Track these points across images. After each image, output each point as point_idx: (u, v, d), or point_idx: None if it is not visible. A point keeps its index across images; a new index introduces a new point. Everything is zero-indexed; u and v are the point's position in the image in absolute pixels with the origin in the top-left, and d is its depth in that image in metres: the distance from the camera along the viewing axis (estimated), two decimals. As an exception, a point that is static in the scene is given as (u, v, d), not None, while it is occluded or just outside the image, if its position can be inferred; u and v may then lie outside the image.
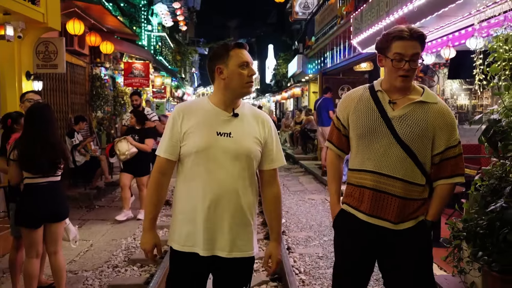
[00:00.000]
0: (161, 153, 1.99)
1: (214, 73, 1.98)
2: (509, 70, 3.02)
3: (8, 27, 5.06)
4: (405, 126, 1.96)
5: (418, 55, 1.93)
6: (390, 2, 5.59)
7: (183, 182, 1.99)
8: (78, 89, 9.64)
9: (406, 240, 2.00)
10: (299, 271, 4.17)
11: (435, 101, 2.01)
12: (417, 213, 2.02)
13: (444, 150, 1.98)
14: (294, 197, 7.90)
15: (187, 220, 1.95)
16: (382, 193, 1.99)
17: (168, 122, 1.99)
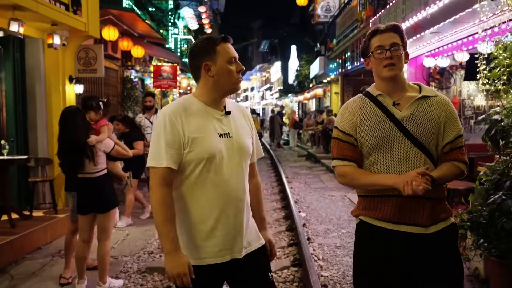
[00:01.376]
0: (162, 163, 1.73)
1: (200, 70, 1.83)
2: (507, 75, 3.33)
3: (56, 36, 5.62)
4: (417, 124, 1.88)
5: (397, 44, 1.89)
6: (406, 9, 5.90)
7: (189, 191, 1.80)
8: (111, 90, 10.26)
9: (440, 244, 1.89)
10: (318, 258, 4.55)
11: (435, 94, 1.96)
12: (445, 214, 1.94)
13: (454, 139, 1.91)
14: (315, 194, 8.26)
15: (198, 231, 1.81)
16: (410, 198, 1.83)
17: (163, 126, 1.76)
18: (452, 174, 1.90)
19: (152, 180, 1.77)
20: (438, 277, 1.89)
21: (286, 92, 30.63)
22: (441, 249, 1.89)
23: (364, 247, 2.00)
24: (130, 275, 4.21)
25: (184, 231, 1.81)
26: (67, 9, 5.72)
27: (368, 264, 1.96)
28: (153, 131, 1.84)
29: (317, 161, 13.17)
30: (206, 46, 1.82)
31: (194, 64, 1.85)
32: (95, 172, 3.71)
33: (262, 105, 46.24)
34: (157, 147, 1.76)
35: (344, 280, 3.97)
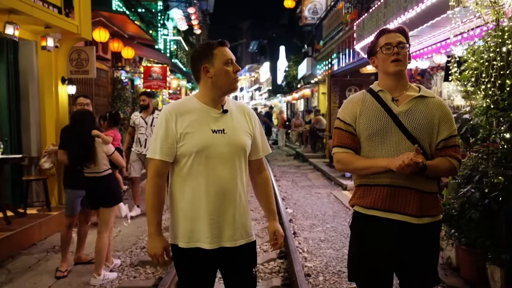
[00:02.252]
0: (156, 156, 1.96)
1: (200, 73, 2.00)
2: (475, 77, 3.60)
3: (49, 39, 5.77)
4: (412, 120, 2.02)
5: (404, 44, 2.05)
6: (387, 13, 6.17)
7: (182, 181, 1.99)
8: (102, 91, 10.36)
9: (425, 236, 2.03)
10: (303, 251, 4.80)
11: (433, 96, 2.10)
12: (435, 211, 2.06)
13: (448, 137, 2.04)
14: (302, 191, 8.51)
15: (190, 217, 1.98)
16: (401, 188, 1.99)
17: (160, 123, 1.98)
18: (444, 167, 2.01)
19: (148, 170, 2.03)
20: (418, 267, 2.05)
21: (275, 92, 30.86)
22: (426, 242, 2.04)
23: (358, 236, 2.13)
24: (123, 268, 4.40)
25: (178, 217, 2.01)
26: (60, 12, 5.87)
27: (362, 252, 2.09)
28: (154, 128, 2.07)
29: (305, 160, 13.44)
30: (204, 50, 1.99)
31: (195, 68, 2.03)
32: (101, 172, 4.06)
33: (252, 105, 46.41)
34: (154, 142, 1.99)
35: (327, 270, 4.22)
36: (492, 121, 3.59)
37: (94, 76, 7.56)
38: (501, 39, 3.31)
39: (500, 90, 3.38)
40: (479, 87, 3.59)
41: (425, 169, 1.93)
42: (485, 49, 3.53)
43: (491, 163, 3.72)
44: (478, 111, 3.72)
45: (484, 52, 3.53)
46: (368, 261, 2.07)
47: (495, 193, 3.48)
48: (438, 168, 2.01)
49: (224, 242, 1.99)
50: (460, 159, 2.05)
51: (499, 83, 3.32)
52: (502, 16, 3.55)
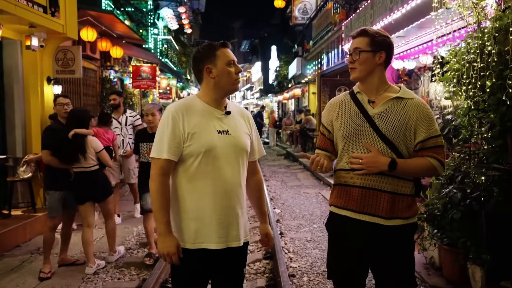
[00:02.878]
0: (163, 155, 1.94)
1: (203, 73, 2.02)
2: (457, 78, 3.62)
3: (34, 38, 5.71)
4: (386, 122, 2.00)
5: (358, 49, 2.05)
6: (374, 14, 6.20)
7: (187, 181, 1.98)
8: (90, 91, 10.29)
9: (396, 239, 2.01)
10: (288, 251, 4.80)
11: (412, 97, 2.05)
12: (408, 213, 2.03)
13: (425, 139, 2.00)
14: (291, 191, 8.52)
15: (196, 218, 1.97)
16: (371, 190, 2.00)
17: (166, 122, 1.97)
18: (418, 165, 1.99)
19: (152, 170, 1.98)
20: (390, 269, 2.04)
21: (267, 92, 30.88)
22: (397, 244, 2.02)
23: (332, 235, 2.17)
24: (108, 269, 4.37)
25: (183, 218, 1.99)
26: (45, 12, 5.81)
27: (336, 251, 2.14)
28: (158, 126, 2.04)
29: (295, 160, 13.47)
30: (207, 51, 2.02)
31: (197, 68, 2.04)
32: (89, 167, 4.24)
33: (244, 105, 46.40)
34: (160, 141, 1.96)
35: (311, 271, 4.23)
36: (473, 122, 3.62)
37: (80, 76, 7.50)
38: (482, 40, 3.34)
39: (481, 91, 3.41)
40: (461, 88, 3.62)
41: (395, 167, 1.94)
42: (466, 51, 3.56)
43: (473, 163, 3.75)
44: (460, 112, 3.75)
45: (465, 53, 3.56)
46: (340, 260, 2.11)
47: (476, 193, 3.51)
48: (410, 166, 1.99)
49: (231, 242, 2.01)
50: (442, 160, 2.01)
51: (480, 84, 3.35)
52: (483, 18, 3.58)
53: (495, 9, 3.63)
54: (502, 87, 3.18)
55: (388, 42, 2.07)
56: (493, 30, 3.23)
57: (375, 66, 2.05)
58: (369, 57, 2.03)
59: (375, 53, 2.03)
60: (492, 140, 3.42)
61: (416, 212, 2.10)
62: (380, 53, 2.04)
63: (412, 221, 2.07)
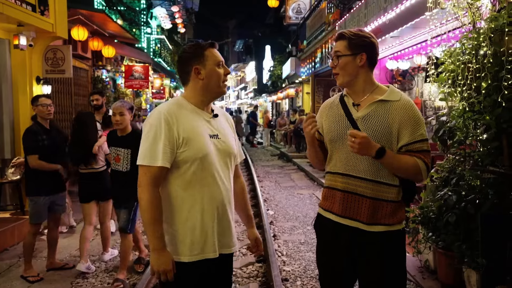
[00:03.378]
0: (157, 162, 1.78)
1: (190, 74, 1.91)
2: (452, 79, 3.58)
3: (22, 37, 5.60)
4: (368, 125, 1.95)
5: (338, 52, 1.99)
6: (368, 14, 6.15)
7: (182, 189, 1.85)
8: (81, 91, 10.16)
9: (379, 246, 1.95)
10: (282, 254, 4.74)
11: (397, 99, 1.96)
12: (392, 220, 1.95)
13: (408, 143, 1.92)
14: (285, 192, 8.46)
15: (193, 228, 1.86)
16: (352, 194, 1.97)
17: (159, 125, 1.81)
18: (404, 162, 1.90)
19: (142, 179, 1.80)
20: (372, 276, 1.97)
21: (261, 92, 30.82)
22: (379, 251, 1.94)
23: (318, 236, 2.16)
24: (97, 274, 4.28)
25: (179, 229, 1.85)
26: (33, 10, 5.70)
27: (321, 252, 2.13)
28: (145, 130, 1.84)
29: (289, 160, 13.41)
30: (195, 51, 1.90)
31: (184, 69, 1.92)
32: (98, 168, 4.39)
33: (237, 105, 46.32)
34: (152, 146, 1.79)
35: (305, 274, 4.17)
36: (468, 124, 3.57)
37: (71, 75, 7.39)
38: (477, 41, 3.29)
39: (476, 92, 3.36)
40: (456, 89, 3.58)
41: (382, 155, 1.87)
42: (461, 51, 3.52)
43: (468, 165, 3.71)
44: (455, 113, 3.70)
45: (460, 54, 3.51)
46: (325, 262, 2.11)
47: (471, 196, 3.46)
48: (397, 160, 1.91)
49: (224, 249, 1.95)
50: (427, 164, 1.92)
51: (475, 85, 3.30)
52: (478, 18, 3.54)
53: (490, 9, 3.59)
54: (497, 88, 3.13)
55: (369, 42, 1.98)
56: (489, 31, 3.18)
57: (357, 69, 1.98)
58: (349, 60, 1.97)
59: (355, 56, 1.96)
60: (488, 142, 3.37)
61: (402, 219, 2.00)
62: (361, 55, 1.96)
63: (397, 228, 1.97)
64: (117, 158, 3.82)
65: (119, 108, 3.74)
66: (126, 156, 3.77)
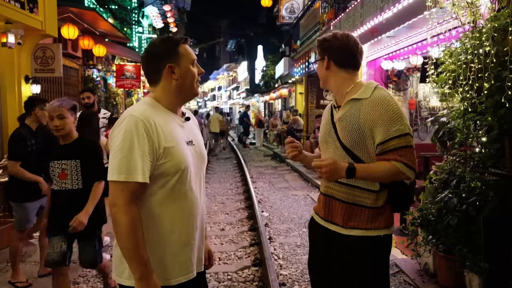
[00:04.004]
0: (137, 177, 1.52)
1: (162, 73, 1.67)
2: (453, 79, 3.51)
3: (10, 35, 5.45)
4: (342, 127, 1.91)
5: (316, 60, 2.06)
6: (364, 13, 6.09)
7: (161, 205, 1.63)
8: (72, 90, 9.98)
9: (355, 251, 1.90)
10: (278, 257, 4.65)
11: (368, 96, 1.86)
12: (370, 225, 1.88)
13: (382, 141, 1.81)
14: (279, 193, 8.37)
15: (179, 246, 1.68)
16: (331, 198, 1.97)
17: (135, 133, 1.54)
18: (380, 170, 1.79)
19: (118, 197, 1.53)
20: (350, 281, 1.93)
21: (253, 92, 30.73)
22: (356, 256, 1.90)
23: (309, 240, 2.17)
24: (88, 279, 4.16)
25: (154, 251, 1.62)
26: (22, 7, 5.55)
27: (310, 256, 2.15)
28: (117, 138, 1.56)
29: (282, 161, 13.33)
30: (168, 47, 1.68)
31: (155, 67, 1.68)
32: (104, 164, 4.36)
33: (230, 105, 46.21)
34: (128, 158, 1.53)
35: (302, 278, 4.08)
36: (469, 125, 3.52)
37: (61, 74, 7.23)
38: (479, 40, 3.23)
39: (477, 93, 3.30)
40: (457, 89, 3.51)
41: (353, 172, 1.78)
42: (462, 51, 3.45)
43: (469, 167, 3.65)
44: (455, 114, 3.64)
45: (461, 54, 3.45)
46: (311, 262, 2.13)
47: (472, 199, 3.40)
48: (371, 170, 1.81)
49: (199, 267, 1.80)
50: (407, 162, 1.78)
51: (477, 86, 3.24)
52: (479, 17, 3.48)
53: (489, 8, 3.53)
54: (500, 89, 3.08)
55: (329, 45, 1.95)
56: (491, 30, 3.12)
57: (325, 72, 1.99)
58: (319, 66, 2.02)
59: (322, 60, 1.99)
60: (489, 144, 3.31)
61: (383, 225, 1.89)
62: (325, 59, 1.97)
63: (376, 234, 1.88)
64: (62, 175, 2.99)
65: (58, 110, 2.94)
66: (75, 169, 2.98)
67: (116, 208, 1.54)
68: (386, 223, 1.91)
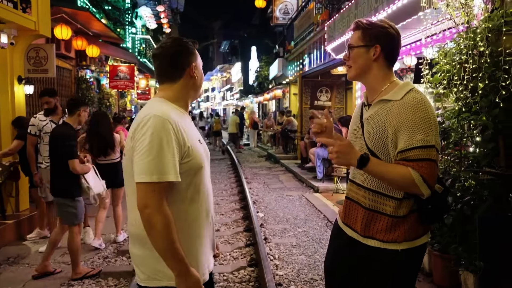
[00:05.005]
0: (169, 176, 1.54)
1: (185, 71, 1.71)
2: (447, 79, 3.54)
3: (3, 35, 5.40)
4: (369, 128, 1.79)
5: (351, 45, 1.84)
6: (358, 14, 6.11)
7: (186, 204, 1.65)
8: (65, 91, 9.92)
9: (369, 262, 1.80)
10: (274, 258, 4.64)
11: (399, 98, 1.71)
12: (387, 236, 1.74)
13: (403, 149, 1.66)
14: (274, 194, 8.37)
15: (195, 247, 1.68)
16: (353, 202, 1.89)
17: (164, 134, 1.55)
18: (394, 171, 1.66)
19: (150, 198, 1.52)
20: None
21: (247, 93, 30.74)
22: (371, 266, 1.79)
23: (330, 238, 2.11)
24: (83, 281, 4.12)
25: (189, 246, 1.64)
26: (15, 7, 5.50)
27: (326, 256, 2.08)
28: (143, 138, 1.55)
29: (277, 162, 13.34)
30: (190, 47, 1.73)
31: (179, 65, 1.70)
32: (115, 159, 5.24)
33: (223, 106, 46.17)
34: (158, 158, 1.52)
35: (299, 278, 4.08)
36: (463, 125, 3.54)
37: (54, 75, 7.17)
38: (473, 41, 3.26)
39: (471, 93, 3.33)
40: (451, 89, 3.54)
41: (365, 163, 1.67)
42: (456, 51, 3.48)
43: (463, 166, 3.68)
44: (450, 114, 3.67)
45: (456, 54, 3.48)
46: (327, 261, 2.07)
47: (467, 198, 3.43)
48: (384, 169, 1.68)
49: (211, 266, 1.80)
50: (426, 176, 1.61)
51: (472, 86, 3.26)
52: (473, 18, 3.51)
53: (483, 9, 3.56)
54: (494, 89, 3.10)
55: (385, 32, 1.77)
56: (486, 31, 3.15)
57: (370, 63, 1.78)
58: (361, 53, 1.78)
59: (368, 48, 1.77)
60: (484, 143, 3.34)
61: (403, 238, 1.72)
62: (375, 47, 1.76)
63: (393, 247, 1.73)
64: None
65: None
66: None
67: (149, 210, 1.52)
68: (407, 235, 1.73)
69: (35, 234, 5.47)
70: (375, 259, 1.77)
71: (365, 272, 1.82)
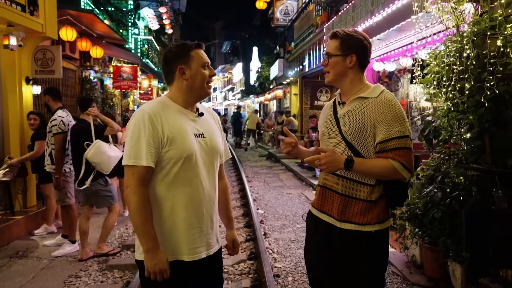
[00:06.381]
0: (142, 161, 1.77)
1: (175, 74, 1.91)
2: (437, 80, 3.71)
3: (12, 37, 5.58)
4: (346, 123, 1.98)
5: (328, 52, 2.02)
6: (355, 16, 6.29)
7: (167, 189, 1.85)
8: (69, 91, 10.12)
9: (348, 244, 1.96)
10: (273, 251, 4.83)
11: (375, 96, 1.94)
12: (362, 219, 1.94)
13: (382, 140, 1.89)
14: (274, 192, 8.55)
15: (184, 226, 1.87)
16: (328, 190, 2.05)
17: (142, 124, 1.79)
18: (377, 166, 1.88)
19: (129, 180, 1.78)
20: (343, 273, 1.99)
21: (248, 93, 30.90)
22: (349, 249, 1.95)
23: (306, 232, 2.25)
24: (90, 273, 4.30)
25: (161, 230, 1.84)
26: (23, 10, 5.69)
27: (306, 246, 2.22)
28: (129, 129, 1.83)
29: (277, 161, 13.51)
30: (181, 51, 1.90)
31: (169, 68, 1.92)
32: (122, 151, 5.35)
33: (225, 106, 46.35)
34: (136, 145, 1.77)
35: (296, 270, 4.26)
36: (453, 123, 3.71)
37: (60, 76, 7.37)
38: (461, 44, 3.43)
39: (460, 93, 3.50)
40: (441, 90, 3.71)
41: (351, 165, 1.87)
42: (446, 54, 3.65)
43: (453, 163, 3.85)
44: (440, 113, 3.84)
45: (445, 56, 3.65)
46: (306, 251, 2.20)
47: (456, 193, 3.60)
48: (369, 165, 1.90)
49: (210, 251, 1.95)
50: (404, 163, 1.86)
51: (459, 86, 3.44)
52: (462, 22, 3.68)
53: (472, 13, 3.73)
54: (480, 89, 3.27)
55: (361, 44, 1.98)
56: (472, 34, 3.32)
57: (346, 70, 2.00)
58: (339, 60, 1.99)
59: (345, 56, 1.97)
60: (471, 141, 3.52)
61: (375, 221, 1.94)
62: (351, 56, 1.97)
63: (367, 229, 1.93)
64: None
65: None
66: None
67: (128, 189, 1.79)
68: (379, 218, 1.94)
69: (43, 229, 5.67)
70: (352, 241, 1.95)
71: (344, 255, 1.97)
